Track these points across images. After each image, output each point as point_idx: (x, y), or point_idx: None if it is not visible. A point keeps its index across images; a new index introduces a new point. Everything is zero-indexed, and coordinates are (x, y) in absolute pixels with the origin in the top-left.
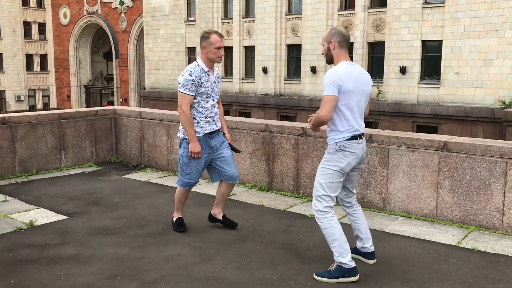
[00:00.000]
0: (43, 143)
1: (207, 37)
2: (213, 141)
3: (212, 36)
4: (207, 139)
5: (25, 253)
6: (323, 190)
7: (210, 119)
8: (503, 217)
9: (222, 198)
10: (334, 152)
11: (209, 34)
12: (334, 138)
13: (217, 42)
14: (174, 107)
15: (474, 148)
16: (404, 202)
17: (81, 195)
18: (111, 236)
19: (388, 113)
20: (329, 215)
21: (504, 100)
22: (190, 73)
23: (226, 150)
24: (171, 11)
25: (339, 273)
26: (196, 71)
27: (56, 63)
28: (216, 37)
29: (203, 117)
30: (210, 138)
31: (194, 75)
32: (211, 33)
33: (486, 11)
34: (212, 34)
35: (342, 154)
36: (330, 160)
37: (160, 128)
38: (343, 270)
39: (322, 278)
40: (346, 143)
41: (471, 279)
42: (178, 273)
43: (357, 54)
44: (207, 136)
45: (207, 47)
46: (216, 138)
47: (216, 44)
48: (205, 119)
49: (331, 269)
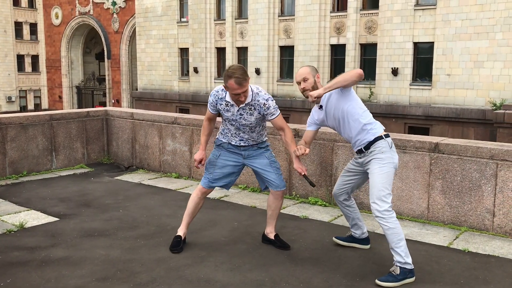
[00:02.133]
0: (34, 144)
1: (226, 80)
2: (245, 152)
3: (230, 82)
4: (230, 147)
5: (15, 256)
6: (387, 189)
7: (235, 139)
8: (494, 218)
9: (271, 213)
10: (387, 150)
11: (229, 78)
12: (378, 136)
13: (234, 89)
14: (166, 108)
15: (465, 150)
16: (396, 203)
17: (72, 197)
18: (102, 238)
19: (380, 115)
20: (394, 214)
21: (494, 101)
22: (211, 94)
23: (259, 159)
24: (164, 12)
25: (403, 274)
26: (216, 96)
27: (48, 64)
28: (234, 85)
29: (228, 133)
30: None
31: (213, 97)
32: (231, 78)
33: (477, 13)
34: (231, 80)
35: (392, 150)
36: (385, 159)
37: (152, 129)
38: (406, 271)
39: (388, 283)
40: (391, 139)
41: (462, 280)
42: (169, 275)
43: (349, 55)
44: (229, 145)
45: (227, 88)
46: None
47: (233, 91)
48: (229, 134)
49: (395, 272)
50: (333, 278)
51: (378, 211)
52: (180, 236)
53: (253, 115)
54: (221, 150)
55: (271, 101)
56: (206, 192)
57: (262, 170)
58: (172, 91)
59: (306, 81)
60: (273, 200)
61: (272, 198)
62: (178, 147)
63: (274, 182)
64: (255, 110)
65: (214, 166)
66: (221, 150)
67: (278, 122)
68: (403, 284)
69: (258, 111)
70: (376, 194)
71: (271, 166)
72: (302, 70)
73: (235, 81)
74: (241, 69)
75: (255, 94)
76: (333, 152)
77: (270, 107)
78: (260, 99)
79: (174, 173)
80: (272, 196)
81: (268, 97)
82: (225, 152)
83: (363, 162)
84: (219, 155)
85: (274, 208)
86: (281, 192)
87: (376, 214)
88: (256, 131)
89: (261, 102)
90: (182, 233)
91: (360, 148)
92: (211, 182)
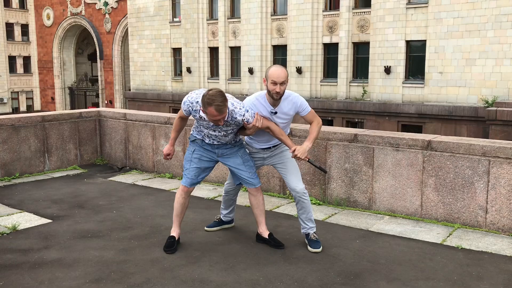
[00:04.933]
0: (26, 146)
1: (206, 107)
2: (218, 150)
3: (210, 109)
4: (204, 145)
5: (8, 258)
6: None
7: (208, 139)
8: (486, 215)
9: (256, 211)
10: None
11: (209, 105)
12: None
13: (214, 116)
14: (160, 108)
15: (458, 147)
16: (390, 201)
17: (66, 198)
18: (96, 239)
19: (373, 113)
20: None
21: (487, 99)
22: (185, 102)
23: (232, 158)
24: (156, 12)
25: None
26: (190, 107)
27: (40, 65)
28: (214, 112)
29: (201, 132)
30: (207, 145)
31: (186, 107)
32: (211, 105)
33: (468, 11)
34: (211, 107)
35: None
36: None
37: (145, 129)
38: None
39: (320, 248)
40: None
41: (455, 276)
42: (164, 276)
43: (342, 54)
44: (202, 142)
45: (206, 113)
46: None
47: (213, 118)
48: (202, 133)
49: (315, 237)
50: (327, 276)
51: (303, 189)
52: (174, 236)
53: (229, 127)
54: (195, 146)
55: (247, 112)
56: (189, 190)
57: (235, 169)
58: (165, 91)
59: (283, 85)
60: (253, 198)
61: (251, 197)
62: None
63: (248, 180)
64: (232, 124)
65: (190, 161)
66: (195, 146)
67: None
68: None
69: (236, 124)
70: (299, 177)
71: (244, 165)
72: (284, 73)
73: (216, 108)
74: (221, 95)
75: (231, 111)
76: (326, 150)
77: (249, 119)
78: (237, 117)
79: (168, 173)
80: (250, 194)
81: (244, 112)
82: (199, 148)
83: (269, 156)
84: (193, 151)
85: (257, 206)
86: (257, 189)
87: (303, 191)
88: (230, 136)
89: (238, 120)
90: (176, 234)
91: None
92: (192, 180)
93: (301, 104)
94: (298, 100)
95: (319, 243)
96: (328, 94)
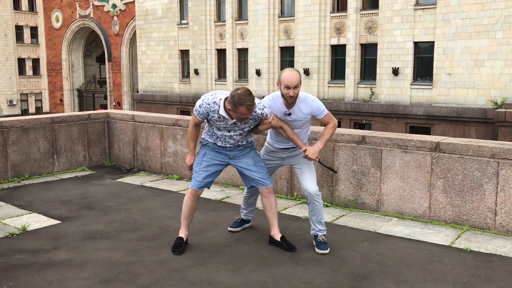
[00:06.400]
0: (36, 148)
1: (237, 106)
2: (230, 152)
3: (241, 109)
4: (216, 148)
5: (18, 259)
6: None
7: (221, 141)
8: (496, 217)
9: (269, 214)
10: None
11: (240, 105)
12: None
13: (244, 114)
14: (167, 110)
15: (466, 149)
16: (398, 203)
17: (74, 200)
18: (104, 241)
19: (381, 114)
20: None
21: (496, 100)
22: (201, 105)
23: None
24: (164, 14)
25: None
26: (208, 108)
27: (49, 67)
28: (245, 111)
29: (213, 135)
30: (222, 149)
31: (204, 109)
32: (242, 105)
33: (477, 12)
34: (242, 107)
35: None
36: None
37: (153, 131)
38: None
39: (327, 249)
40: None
41: (464, 279)
42: (172, 277)
43: (349, 56)
44: (214, 145)
45: (234, 112)
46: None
47: (242, 116)
48: (214, 136)
49: (324, 239)
50: (335, 278)
51: (316, 191)
52: (182, 238)
53: (246, 124)
54: (206, 149)
55: (265, 108)
56: (197, 193)
57: (247, 170)
58: (173, 93)
59: (296, 88)
60: (265, 200)
61: (263, 198)
62: (180, 149)
63: (260, 180)
64: (251, 119)
65: (199, 165)
66: (206, 149)
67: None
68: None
69: (255, 119)
70: (314, 179)
71: (256, 166)
72: (297, 76)
73: (247, 107)
74: (250, 94)
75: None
76: (334, 152)
77: (267, 114)
78: (257, 110)
79: (176, 175)
80: (262, 196)
81: (262, 106)
82: (211, 151)
83: (288, 156)
84: (204, 154)
85: (269, 208)
86: (269, 189)
87: (316, 193)
88: (244, 135)
89: (258, 113)
90: (184, 235)
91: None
92: (201, 183)
93: (318, 108)
94: (314, 104)
95: (326, 245)
96: (336, 95)
